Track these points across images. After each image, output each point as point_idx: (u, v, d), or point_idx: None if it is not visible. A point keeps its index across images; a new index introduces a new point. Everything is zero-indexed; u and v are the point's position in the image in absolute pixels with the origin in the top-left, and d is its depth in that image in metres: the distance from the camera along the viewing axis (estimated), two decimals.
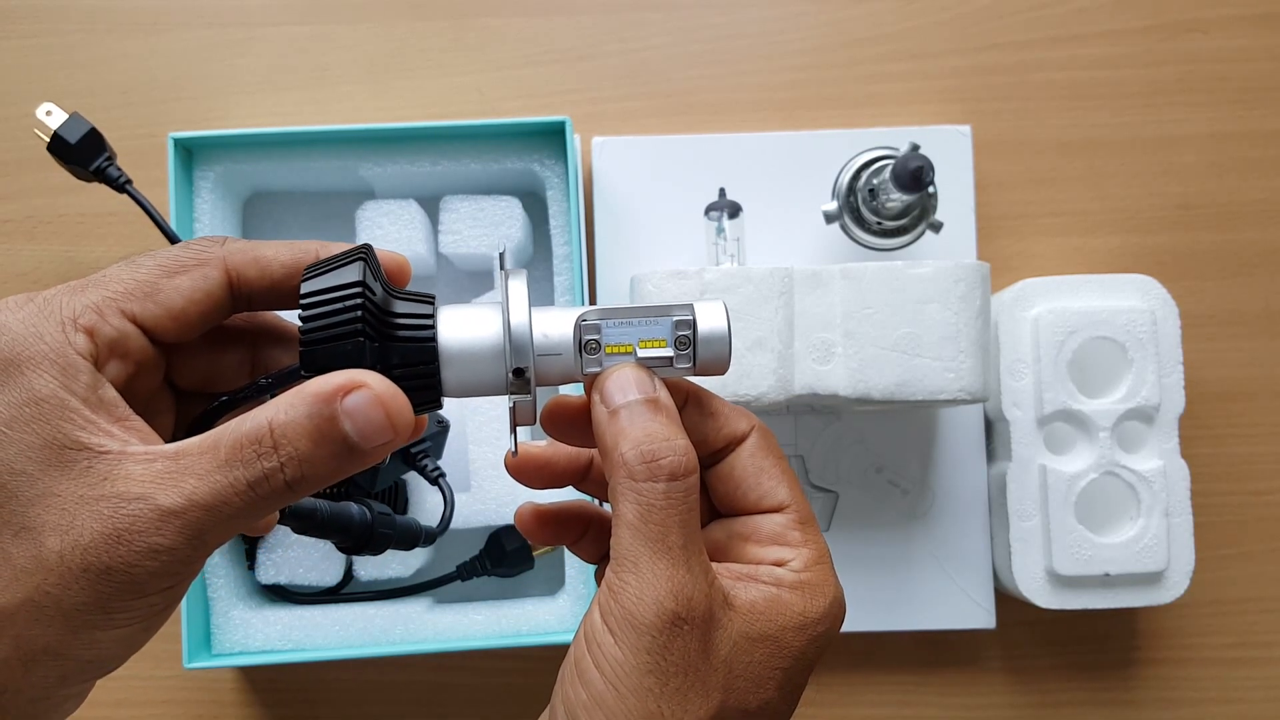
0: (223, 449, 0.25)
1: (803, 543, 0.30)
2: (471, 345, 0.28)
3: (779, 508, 0.31)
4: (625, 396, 0.29)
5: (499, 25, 0.65)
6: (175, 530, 0.25)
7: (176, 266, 0.29)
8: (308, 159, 0.59)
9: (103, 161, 0.54)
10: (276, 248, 0.30)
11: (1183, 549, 0.58)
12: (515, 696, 0.62)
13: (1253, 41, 0.65)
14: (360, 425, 0.26)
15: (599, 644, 0.27)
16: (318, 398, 0.26)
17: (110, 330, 0.27)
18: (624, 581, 0.27)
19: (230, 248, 0.30)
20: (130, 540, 0.24)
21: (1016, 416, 0.59)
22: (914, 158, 0.53)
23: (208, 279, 0.29)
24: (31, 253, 0.63)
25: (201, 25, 0.64)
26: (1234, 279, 0.64)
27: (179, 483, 0.25)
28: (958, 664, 0.63)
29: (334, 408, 0.26)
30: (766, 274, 0.53)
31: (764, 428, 0.32)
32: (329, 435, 0.26)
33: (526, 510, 0.34)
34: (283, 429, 0.25)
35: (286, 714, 0.62)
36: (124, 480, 0.25)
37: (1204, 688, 0.63)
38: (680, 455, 0.28)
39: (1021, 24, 0.65)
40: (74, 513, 0.25)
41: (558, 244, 0.59)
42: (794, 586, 0.29)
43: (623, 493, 0.28)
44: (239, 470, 0.25)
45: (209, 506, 0.25)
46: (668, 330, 0.30)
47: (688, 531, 0.28)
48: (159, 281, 0.28)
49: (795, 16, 0.65)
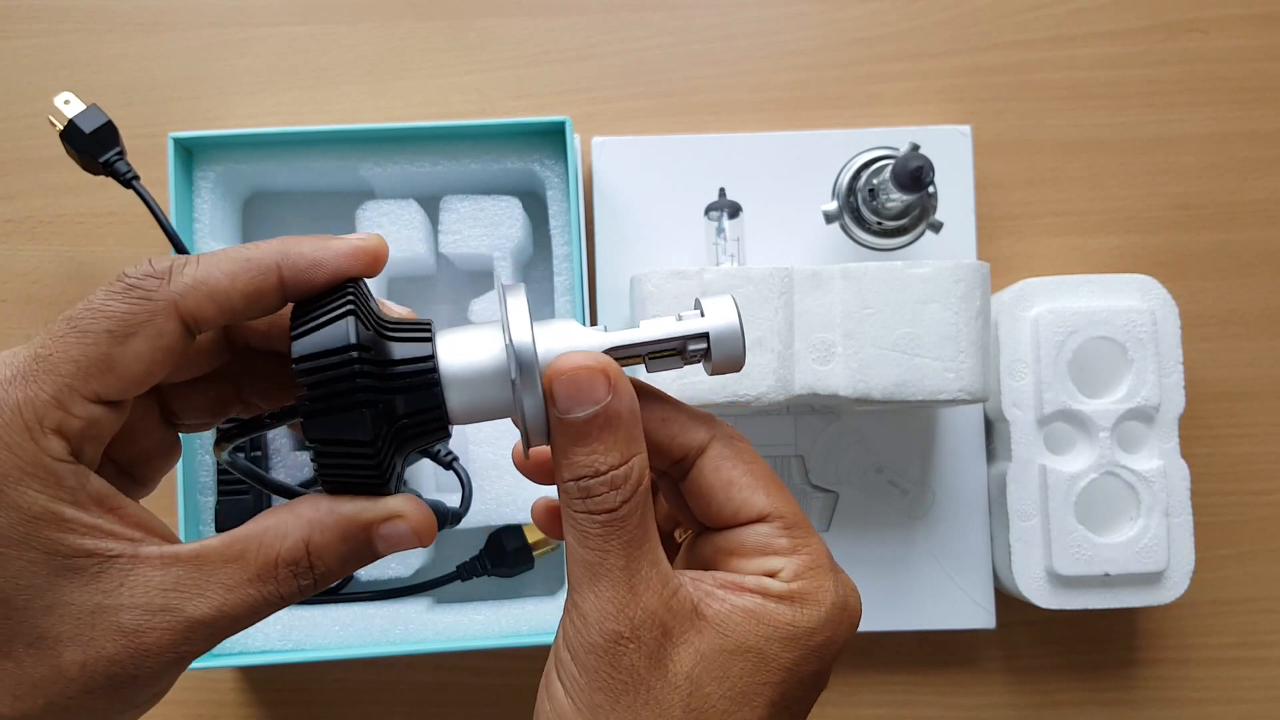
0: (252, 565, 0.26)
1: (792, 550, 0.29)
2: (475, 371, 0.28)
3: (760, 517, 0.29)
4: (573, 409, 0.27)
5: (499, 25, 0.65)
6: (203, 639, 0.25)
7: (125, 329, 0.25)
8: (308, 159, 0.59)
9: (113, 155, 0.54)
10: (231, 271, 0.27)
11: (1183, 549, 0.58)
12: (515, 696, 0.62)
13: (1253, 41, 0.65)
14: (391, 548, 0.27)
15: (562, 662, 0.28)
16: (356, 525, 0.27)
17: (78, 422, 0.25)
18: (574, 603, 0.27)
19: (178, 288, 0.26)
20: (159, 653, 0.25)
21: (1016, 416, 0.59)
22: (914, 158, 0.53)
23: (163, 335, 0.26)
24: (31, 253, 0.63)
25: (201, 25, 0.64)
26: (1234, 279, 0.64)
27: (204, 592, 0.25)
28: (958, 664, 0.63)
29: (371, 534, 0.27)
30: (766, 274, 0.53)
31: (728, 434, 0.30)
32: (360, 557, 0.27)
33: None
34: (318, 551, 0.26)
35: (286, 714, 0.62)
36: (143, 590, 0.25)
37: (1204, 688, 0.63)
38: (617, 487, 0.27)
39: (1021, 24, 0.65)
40: (92, 624, 0.25)
41: (558, 244, 0.59)
42: (782, 596, 0.28)
43: (565, 518, 0.28)
44: (271, 586, 0.26)
45: (238, 617, 0.26)
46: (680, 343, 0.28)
47: (630, 551, 0.27)
48: (111, 352, 0.25)
49: (795, 16, 0.65)
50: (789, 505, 0.30)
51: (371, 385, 0.26)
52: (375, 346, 0.27)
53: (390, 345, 0.27)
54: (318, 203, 0.63)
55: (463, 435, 0.59)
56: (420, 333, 0.28)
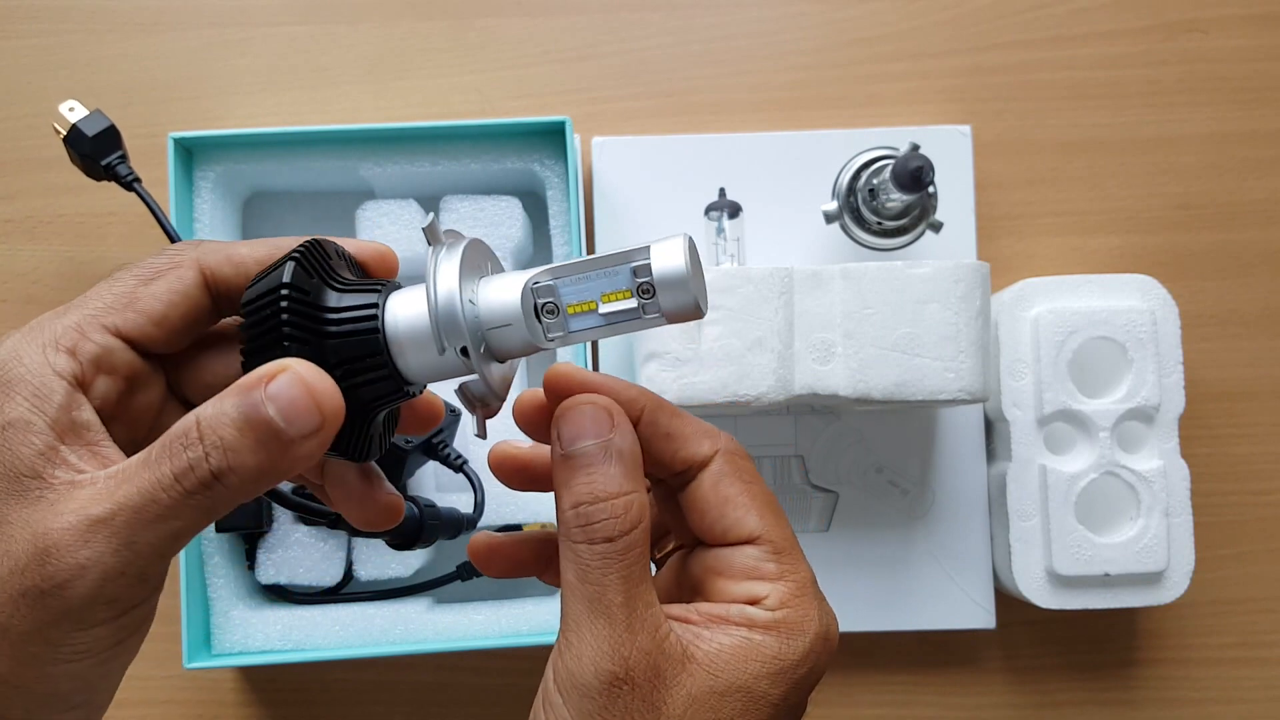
0: (153, 451, 0.25)
1: (778, 576, 0.29)
2: (414, 327, 0.27)
3: (749, 539, 0.29)
4: (576, 441, 0.28)
5: (499, 25, 0.65)
6: (102, 540, 0.24)
7: (151, 273, 0.28)
8: (308, 159, 0.59)
9: (115, 159, 0.54)
10: (252, 245, 0.29)
11: (1182, 549, 0.58)
12: (515, 696, 0.62)
13: (1253, 41, 0.65)
14: (284, 408, 0.25)
15: (551, 704, 0.27)
16: (242, 387, 0.25)
17: (93, 346, 0.27)
18: (568, 643, 0.27)
19: (204, 248, 0.29)
20: (58, 556, 0.24)
21: (1016, 416, 0.59)
22: (914, 158, 0.53)
23: (183, 280, 0.28)
24: (32, 253, 0.63)
25: (201, 25, 0.64)
26: (1234, 279, 0.64)
27: (112, 494, 0.25)
28: (957, 664, 0.63)
29: (258, 394, 0.25)
30: (766, 274, 0.53)
31: (732, 450, 0.30)
32: (254, 422, 0.25)
33: (479, 544, 0.33)
34: (208, 421, 0.25)
35: (286, 714, 0.62)
36: (65, 502, 0.25)
37: (1204, 688, 0.63)
38: (618, 516, 0.27)
39: (1021, 24, 0.65)
40: (15, 538, 0.24)
41: (558, 244, 0.59)
42: (767, 627, 0.28)
43: (563, 551, 0.27)
44: (165, 465, 0.25)
45: (136, 507, 0.24)
46: (628, 279, 0.27)
47: (628, 588, 0.27)
48: (136, 291, 0.28)
49: (795, 16, 0.65)
50: (780, 530, 0.29)
51: (298, 323, 0.26)
52: (315, 292, 0.27)
53: (332, 294, 0.27)
54: (318, 203, 0.63)
55: (462, 435, 0.59)
56: (371, 287, 0.28)
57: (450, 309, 0.26)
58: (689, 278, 0.26)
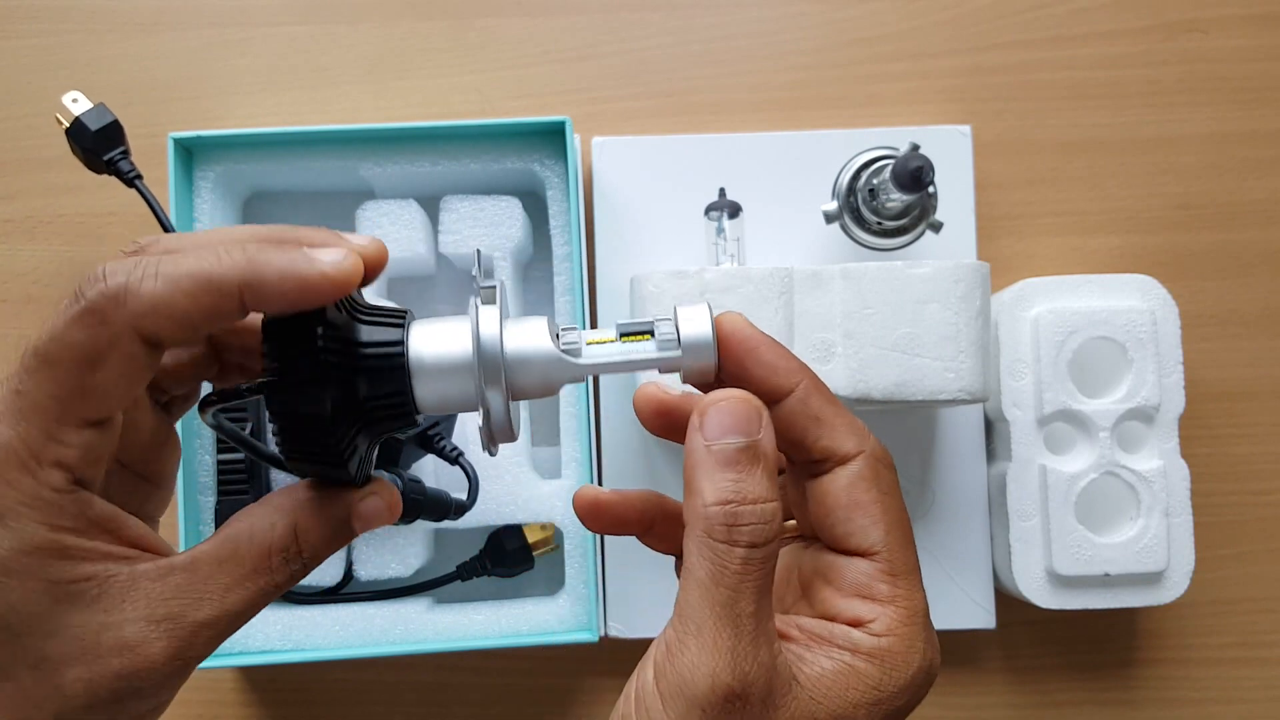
0: (247, 560, 0.27)
1: (890, 599, 0.27)
2: (441, 366, 0.28)
3: (867, 552, 0.28)
4: (725, 434, 0.26)
5: (499, 25, 0.65)
6: (205, 642, 0.26)
7: (91, 358, 0.25)
8: (308, 159, 0.59)
9: (117, 154, 0.54)
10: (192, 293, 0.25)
11: (1183, 549, 0.58)
12: (515, 696, 0.62)
13: (1253, 41, 0.65)
14: (367, 525, 0.28)
15: (647, 707, 0.26)
16: (337, 505, 0.28)
17: (74, 451, 0.25)
18: (683, 644, 0.26)
19: (136, 309, 0.24)
20: (165, 662, 0.26)
21: (1016, 416, 0.59)
22: (914, 158, 0.53)
23: (130, 359, 0.25)
24: (31, 253, 0.63)
25: (201, 25, 0.64)
26: (1234, 279, 0.65)
27: (204, 595, 0.26)
28: (957, 664, 0.63)
29: (349, 513, 0.28)
30: (766, 274, 0.53)
31: (878, 455, 0.29)
32: (341, 536, 0.28)
33: (585, 497, 0.32)
34: (305, 535, 0.27)
35: (286, 714, 0.62)
36: (144, 603, 0.25)
37: (1204, 688, 0.63)
38: (765, 521, 0.26)
39: (1021, 24, 0.65)
40: (96, 642, 0.25)
41: (558, 244, 0.59)
42: (871, 655, 0.27)
43: (698, 547, 0.26)
44: (267, 576, 0.27)
45: (239, 613, 0.26)
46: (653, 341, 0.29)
47: (760, 599, 0.26)
48: (84, 384, 0.25)
49: (795, 16, 0.65)
50: (903, 551, 0.28)
51: (334, 363, 0.27)
52: (344, 326, 0.27)
53: (360, 327, 0.28)
54: (318, 203, 0.63)
55: (462, 436, 0.59)
56: (394, 319, 0.28)
57: (494, 363, 0.28)
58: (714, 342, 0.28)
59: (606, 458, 0.60)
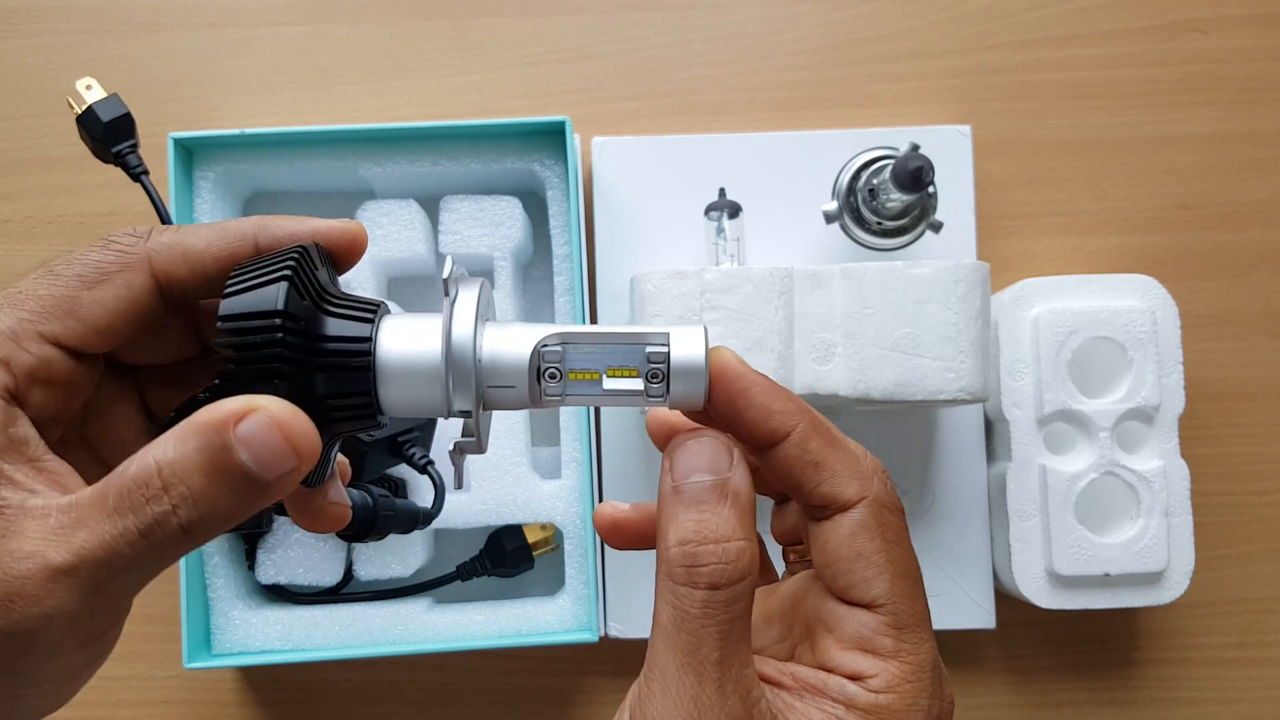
0: (110, 496, 0.23)
1: (893, 654, 0.26)
2: (409, 368, 0.26)
3: (871, 605, 0.26)
4: (694, 475, 0.25)
5: (499, 25, 0.65)
6: (66, 590, 0.22)
7: (97, 275, 0.25)
8: (308, 159, 0.59)
9: (126, 147, 0.54)
10: (209, 237, 0.27)
11: (1182, 549, 0.58)
12: (515, 696, 0.62)
13: (1252, 41, 0.65)
14: (258, 453, 0.23)
15: None
16: (207, 427, 0.23)
17: (28, 358, 0.24)
18: (650, 692, 0.25)
19: (155, 244, 0.26)
20: (22, 605, 0.22)
21: (1016, 416, 0.59)
22: (914, 158, 0.53)
23: (132, 287, 0.26)
24: (32, 253, 0.63)
25: (201, 25, 0.64)
26: (1233, 279, 0.65)
27: (70, 537, 0.22)
28: (958, 663, 0.63)
29: (226, 437, 0.23)
30: (766, 274, 0.53)
31: (883, 501, 0.27)
32: (224, 468, 0.23)
33: (605, 515, 0.31)
34: (171, 467, 0.23)
35: (286, 714, 0.62)
36: (18, 537, 0.22)
37: (1203, 687, 0.63)
38: (728, 562, 0.25)
39: (1021, 24, 0.65)
40: None
41: (558, 244, 0.59)
42: (867, 711, 0.25)
43: (660, 591, 0.25)
44: (128, 518, 0.23)
45: (100, 561, 0.22)
46: (640, 359, 0.26)
47: (726, 644, 0.24)
48: (79, 295, 0.25)
49: (795, 16, 0.65)
50: (910, 602, 0.27)
51: (291, 357, 0.25)
52: (308, 317, 0.25)
53: (326, 320, 0.26)
54: (318, 203, 0.63)
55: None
56: (364, 312, 0.26)
57: (465, 372, 0.25)
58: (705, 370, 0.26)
59: (606, 458, 0.60)
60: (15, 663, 0.23)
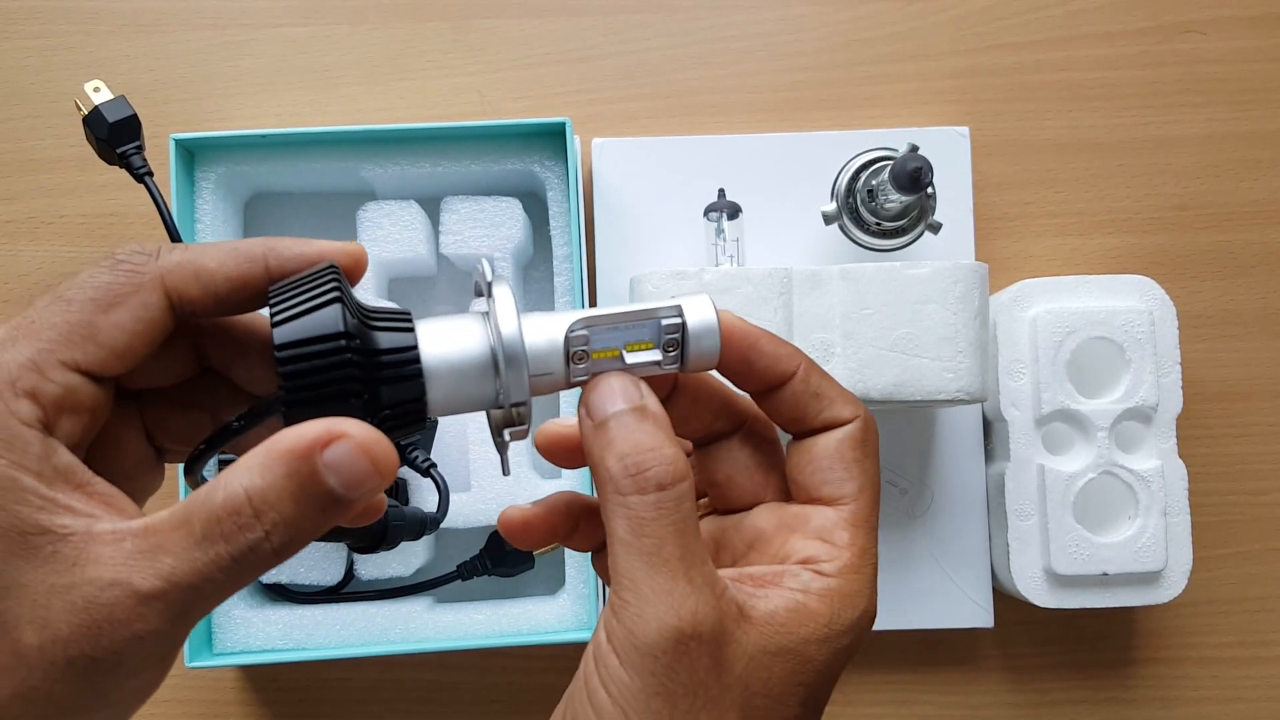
0: (197, 524, 0.23)
1: (847, 544, 0.29)
2: (456, 370, 0.27)
3: (835, 501, 0.29)
4: (611, 407, 0.27)
5: (499, 26, 0.65)
6: (157, 614, 0.23)
7: (110, 298, 0.25)
8: (309, 160, 0.59)
9: (131, 148, 0.54)
10: (220, 257, 0.27)
11: (1180, 549, 0.58)
12: (515, 696, 0.62)
13: (1251, 42, 0.65)
14: (346, 477, 0.24)
15: (605, 665, 0.26)
16: (294, 455, 0.23)
17: (54, 388, 0.24)
18: (624, 600, 0.26)
19: (167, 264, 0.26)
20: (111, 631, 0.23)
21: (1015, 416, 0.59)
22: (913, 159, 0.53)
23: (148, 308, 0.26)
24: (34, 253, 0.63)
25: (202, 26, 0.64)
26: (1231, 279, 0.65)
27: (153, 563, 0.23)
28: (956, 663, 0.63)
29: (314, 463, 0.23)
30: (766, 274, 0.53)
31: (869, 421, 0.30)
32: (313, 493, 0.24)
33: (513, 518, 0.32)
34: (262, 495, 0.23)
35: (287, 713, 0.62)
36: (94, 565, 0.23)
37: (1201, 687, 0.63)
38: (667, 464, 0.26)
39: (1020, 25, 0.65)
40: (47, 604, 0.23)
41: (558, 245, 0.59)
42: (822, 594, 0.28)
43: (612, 509, 0.26)
44: (219, 545, 0.23)
45: (191, 586, 0.23)
46: (655, 332, 0.28)
47: (684, 542, 0.26)
48: (95, 320, 0.25)
49: (794, 18, 0.65)
50: (869, 507, 0.30)
51: (361, 376, 0.25)
52: (361, 335, 0.26)
53: (375, 334, 0.26)
54: (319, 204, 0.63)
55: (463, 435, 0.59)
56: (402, 322, 0.27)
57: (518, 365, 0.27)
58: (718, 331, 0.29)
59: None
60: (99, 684, 0.23)
